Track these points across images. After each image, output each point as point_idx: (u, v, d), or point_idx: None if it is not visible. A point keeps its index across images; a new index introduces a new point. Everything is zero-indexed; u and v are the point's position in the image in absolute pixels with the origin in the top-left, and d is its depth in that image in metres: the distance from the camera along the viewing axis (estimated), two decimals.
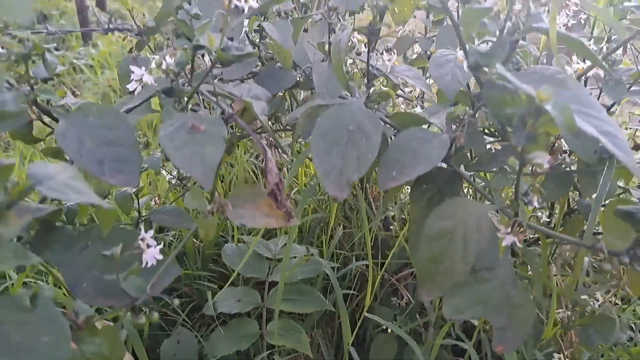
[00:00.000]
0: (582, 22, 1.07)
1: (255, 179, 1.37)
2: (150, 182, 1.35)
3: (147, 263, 0.49)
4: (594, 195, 0.66)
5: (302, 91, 0.86)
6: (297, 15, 0.86)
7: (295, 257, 0.99)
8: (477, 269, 0.53)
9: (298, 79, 0.81)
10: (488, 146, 0.67)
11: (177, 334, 0.97)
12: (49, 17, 4.18)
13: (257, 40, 0.77)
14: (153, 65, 0.54)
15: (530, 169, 0.56)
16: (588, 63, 0.68)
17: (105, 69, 2.86)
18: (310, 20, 0.77)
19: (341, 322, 0.91)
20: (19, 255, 0.39)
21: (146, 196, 0.91)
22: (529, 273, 0.97)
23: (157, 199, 0.92)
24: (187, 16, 0.53)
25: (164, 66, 0.54)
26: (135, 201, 0.87)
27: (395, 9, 0.94)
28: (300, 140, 0.93)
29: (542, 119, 0.42)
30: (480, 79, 0.53)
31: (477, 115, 0.56)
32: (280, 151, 1.00)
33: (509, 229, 0.52)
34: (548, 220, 1.05)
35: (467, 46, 0.52)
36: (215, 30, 0.58)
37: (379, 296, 1.18)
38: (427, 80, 0.89)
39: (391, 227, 1.24)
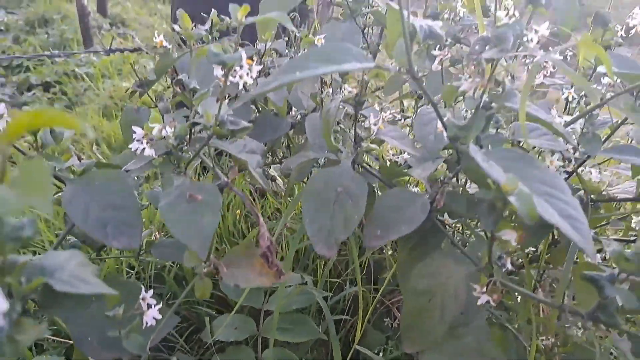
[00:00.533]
0: (568, 58, 1.10)
1: (252, 201, 1.41)
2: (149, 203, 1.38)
3: (147, 323, 0.53)
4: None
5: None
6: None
7: (290, 286, 1.03)
8: (454, 326, 0.57)
9: (293, 121, 0.85)
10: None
11: (176, 359, 1.01)
12: (50, 21, 4.20)
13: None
14: (155, 132, 0.58)
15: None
16: (567, 117, 0.72)
17: (106, 77, 2.89)
18: None
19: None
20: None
21: (146, 230, 0.94)
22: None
23: (157, 233, 0.96)
24: (187, 90, 0.56)
25: (164, 133, 0.58)
26: None
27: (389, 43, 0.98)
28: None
29: (509, 204, 0.45)
30: (458, 149, 0.56)
31: (456, 178, 0.60)
32: (276, 182, 1.04)
33: (484, 289, 0.56)
34: (534, 249, 1.09)
35: (445, 120, 0.55)
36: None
37: (372, 318, 1.22)
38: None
39: (383, 251, 1.28)
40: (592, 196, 0.72)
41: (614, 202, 0.95)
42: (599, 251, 0.96)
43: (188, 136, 0.58)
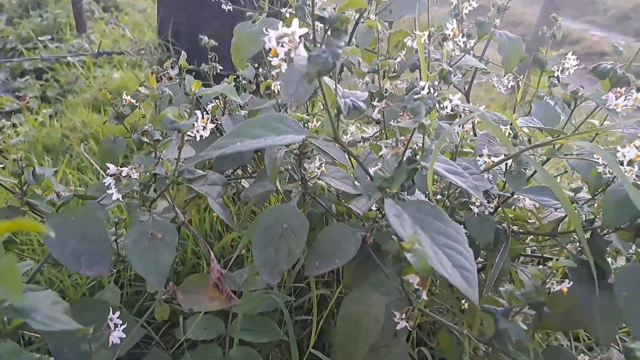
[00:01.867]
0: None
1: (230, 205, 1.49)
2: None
3: (112, 342, 0.62)
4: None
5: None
6: None
7: (256, 290, 1.12)
8: (377, 347, 0.67)
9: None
10: None
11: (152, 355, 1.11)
12: (44, 4, 4.23)
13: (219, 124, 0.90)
14: (124, 173, 0.67)
15: None
16: (494, 159, 0.81)
17: (97, 66, 2.95)
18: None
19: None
20: (17, 352, 0.53)
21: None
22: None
23: None
24: (151, 139, 0.65)
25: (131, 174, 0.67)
26: None
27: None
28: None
29: None
30: (384, 196, 0.66)
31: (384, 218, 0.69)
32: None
33: (403, 315, 0.66)
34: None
35: (373, 171, 0.65)
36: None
37: (335, 316, 1.32)
38: None
39: None
40: (514, 228, 0.82)
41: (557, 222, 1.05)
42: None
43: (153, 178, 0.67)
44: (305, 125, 0.64)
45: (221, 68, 1.18)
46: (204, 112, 0.83)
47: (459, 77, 1.09)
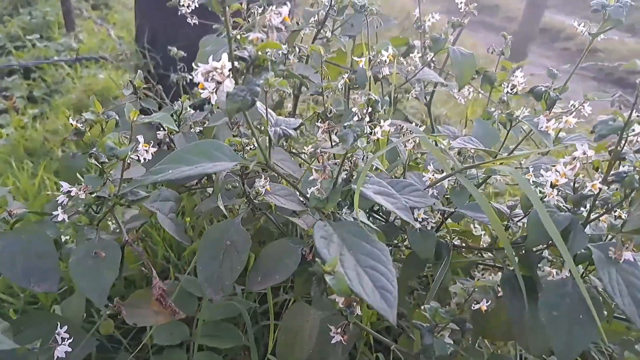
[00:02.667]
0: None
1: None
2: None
3: (57, 357, 0.65)
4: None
5: None
6: None
7: None
8: (314, 358, 0.70)
9: None
10: None
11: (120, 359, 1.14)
12: (33, 2, 4.24)
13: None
14: (73, 193, 0.70)
15: None
16: (437, 176, 0.84)
17: (84, 66, 2.97)
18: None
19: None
20: None
21: None
22: None
23: None
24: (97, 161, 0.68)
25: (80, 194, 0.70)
26: None
27: None
28: None
29: None
30: (320, 216, 0.69)
31: None
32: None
33: (338, 330, 0.69)
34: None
35: (310, 192, 0.68)
36: None
37: None
38: None
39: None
40: (455, 242, 0.85)
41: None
42: None
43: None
44: (244, 150, 0.67)
45: (191, 77, 1.21)
46: (161, 129, 0.86)
47: (417, 90, 1.13)
